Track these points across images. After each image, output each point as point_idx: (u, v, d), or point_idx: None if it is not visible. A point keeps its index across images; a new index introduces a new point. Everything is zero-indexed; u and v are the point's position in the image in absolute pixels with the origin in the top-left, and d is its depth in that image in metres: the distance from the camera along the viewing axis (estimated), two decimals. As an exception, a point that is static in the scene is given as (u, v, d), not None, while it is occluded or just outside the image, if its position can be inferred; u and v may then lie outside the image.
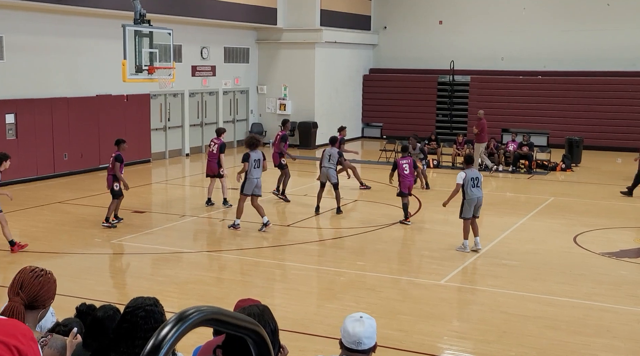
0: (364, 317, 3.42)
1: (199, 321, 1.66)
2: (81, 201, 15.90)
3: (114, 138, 20.47)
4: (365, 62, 29.84)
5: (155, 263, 11.71)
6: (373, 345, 3.44)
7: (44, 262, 10.77)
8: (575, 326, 8.57)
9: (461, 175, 11.69)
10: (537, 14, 27.08)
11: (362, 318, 3.41)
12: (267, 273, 10.92)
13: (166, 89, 21.99)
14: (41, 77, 18.29)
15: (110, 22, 18.22)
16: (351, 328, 3.37)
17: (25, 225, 13.55)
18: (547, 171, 21.13)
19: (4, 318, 2.00)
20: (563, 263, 11.37)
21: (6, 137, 17.43)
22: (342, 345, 3.43)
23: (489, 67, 27.91)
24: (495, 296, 9.64)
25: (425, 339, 8.14)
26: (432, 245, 12.48)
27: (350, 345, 3.39)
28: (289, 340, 7.74)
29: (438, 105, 28.56)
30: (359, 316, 3.42)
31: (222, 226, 14.03)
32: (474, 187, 11.67)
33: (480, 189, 11.81)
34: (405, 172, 13.88)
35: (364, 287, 10.14)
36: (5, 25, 17.16)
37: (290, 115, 26.56)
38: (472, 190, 11.65)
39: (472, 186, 11.65)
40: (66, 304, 6.82)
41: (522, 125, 26.29)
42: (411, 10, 29.13)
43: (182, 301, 9.27)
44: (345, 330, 3.40)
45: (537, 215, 15.07)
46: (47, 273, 3.58)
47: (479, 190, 11.76)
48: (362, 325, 3.38)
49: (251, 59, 26.59)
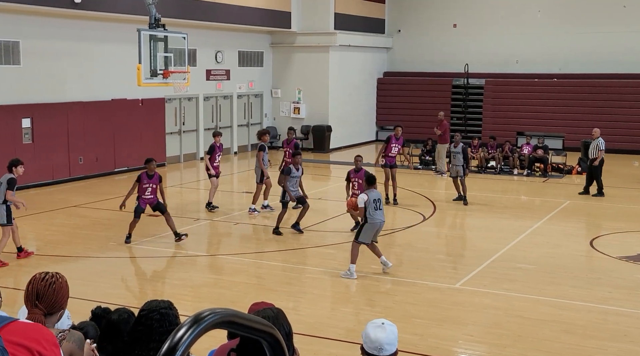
0: (385, 323, 3.44)
1: (214, 323, 1.66)
2: (96, 205, 15.99)
3: (129, 142, 20.80)
4: (380, 65, 29.82)
5: (170, 266, 11.76)
6: (394, 352, 3.44)
7: (59, 265, 10.84)
8: (591, 330, 8.50)
9: (362, 197, 10.35)
10: (552, 16, 26.94)
11: (383, 325, 3.43)
12: (281, 277, 10.92)
13: (181, 93, 22.09)
14: (57, 82, 18.43)
15: (126, 27, 18.34)
16: (373, 334, 3.38)
17: (41, 229, 13.65)
18: (563, 174, 20.99)
19: (29, 322, 2.02)
20: (579, 267, 11.28)
21: (22, 142, 17.56)
22: (364, 351, 3.44)
23: (503, 70, 27.80)
24: (511, 300, 9.58)
25: (440, 343, 8.11)
26: (446, 248, 12.42)
27: (372, 350, 3.40)
28: (303, 344, 7.74)
29: (452, 109, 28.48)
30: (381, 323, 3.44)
31: (236, 229, 14.05)
32: (377, 209, 10.33)
33: (383, 212, 10.50)
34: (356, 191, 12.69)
35: (378, 291, 10.11)
36: (22, 31, 17.31)
37: (304, 119, 26.61)
38: (375, 213, 10.33)
39: (375, 209, 10.31)
40: (81, 307, 6.86)
41: (537, 128, 26.14)
42: (425, 13, 29.08)
43: (196, 304, 9.29)
44: (367, 335, 3.41)
45: (553, 219, 14.97)
46: (59, 278, 3.62)
47: (382, 213, 10.45)
48: (384, 331, 3.40)
49: (265, 63, 26.65)
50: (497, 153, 21.50)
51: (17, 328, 1.92)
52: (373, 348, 3.38)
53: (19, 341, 1.90)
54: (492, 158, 21.51)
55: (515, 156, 21.38)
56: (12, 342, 1.87)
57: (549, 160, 21.18)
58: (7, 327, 1.91)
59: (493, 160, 21.46)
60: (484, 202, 16.45)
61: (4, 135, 17.04)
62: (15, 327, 1.92)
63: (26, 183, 17.56)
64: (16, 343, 1.89)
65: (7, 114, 17.07)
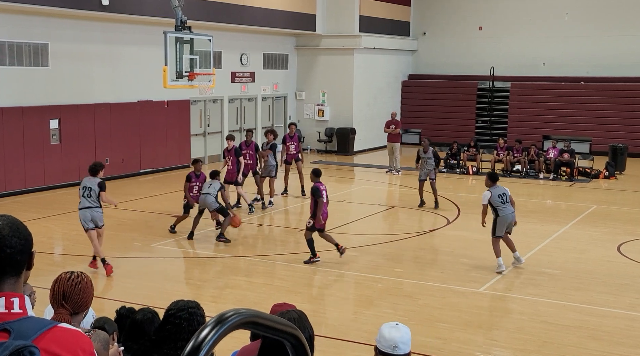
0: (399, 324, 3.52)
1: (238, 323, 1.66)
2: (122, 205, 16.06)
3: (155, 143, 20.96)
4: (404, 68, 29.74)
5: (194, 267, 11.82)
6: (408, 352, 3.45)
7: (86, 265, 10.95)
8: (617, 337, 8.38)
9: (486, 194, 11.04)
10: (580, 19, 26.66)
11: (397, 325, 3.51)
12: (304, 279, 10.92)
13: (206, 95, 22.23)
14: (84, 84, 18.64)
15: (152, 29, 18.50)
16: (387, 333, 3.45)
17: (67, 229, 13.80)
18: (590, 179, 20.75)
19: (68, 328, 1.96)
20: (606, 273, 11.13)
21: (50, 142, 17.79)
22: (378, 351, 3.48)
23: (530, 73, 27.57)
24: (536, 305, 9.48)
25: (463, 347, 8.05)
26: (471, 252, 12.34)
27: (386, 349, 3.45)
28: (325, 346, 7.73)
29: (477, 112, 28.31)
30: (395, 324, 3.52)
31: (260, 231, 14.09)
32: (504, 203, 10.96)
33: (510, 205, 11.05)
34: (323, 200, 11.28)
35: (402, 294, 10.07)
36: (51, 33, 17.53)
37: (328, 121, 26.61)
38: (504, 207, 10.96)
39: (502, 202, 10.94)
40: (106, 307, 6.93)
41: (563, 132, 25.88)
42: (451, 16, 28.95)
43: (219, 305, 9.32)
44: (381, 335, 3.47)
45: (579, 224, 14.80)
46: (84, 277, 3.66)
47: (509, 205, 11.02)
48: (399, 330, 3.46)
49: (290, 65, 26.71)
50: (522, 157, 21.32)
51: (55, 336, 1.89)
52: (387, 347, 3.43)
53: (57, 352, 1.86)
54: (517, 161, 21.33)
55: (541, 160, 21.18)
56: (49, 352, 1.84)
57: (575, 164, 20.95)
58: (47, 335, 1.87)
59: (519, 163, 21.28)
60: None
61: (33, 135, 17.27)
62: (53, 335, 1.88)
63: (54, 184, 17.79)
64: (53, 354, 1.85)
65: (35, 115, 17.30)
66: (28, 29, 17.01)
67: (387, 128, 21.80)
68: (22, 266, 1.96)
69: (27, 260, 1.97)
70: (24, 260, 1.96)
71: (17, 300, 1.91)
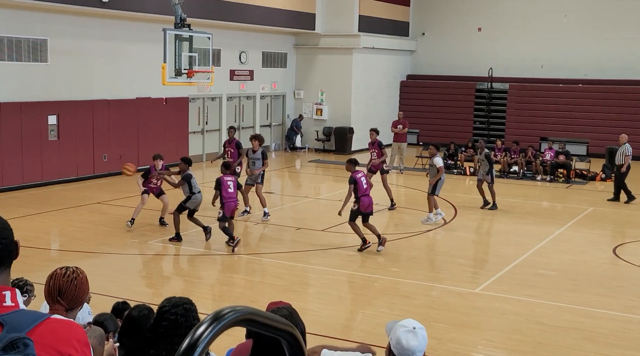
0: (417, 328, 3.21)
1: (235, 321, 1.66)
2: (119, 202, 16.13)
3: (153, 140, 20.92)
4: (403, 68, 29.74)
5: (190, 264, 11.82)
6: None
7: (82, 261, 10.94)
8: (613, 339, 8.40)
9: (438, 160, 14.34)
10: (579, 21, 26.68)
11: (415, 330, 3.20)
12: (301, 278, 10.93)
13: (204, 92, 22.21)
14: (83, 80, 18.62)
15: (152, 26, 18.48)
16: (405, 341, 3.18)
17: (64, 225, 13.80)
18: (586, 181, 20.77)
19: (59, 318, 1.97)
20: (602, 275, 11.15)
21: (48, 138, 17.77)
22: (391, 353, 3.26)
23: (528, 74, 27.59)
24: (532, 307, 9.50)
25: (459, 348, 8.06)
26: (467, 253, 12.35)
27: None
28: (321, 345, 7.73)
29: (475, 113, 28.33)
30: (412, 328, 3.21)
31: (257, 229, 14.09)
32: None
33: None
34: (229, 191, 11.97)
35: (398, 294, 10.08)
36: (50, 29, 17.51)
37: (326, 120, 26.62)
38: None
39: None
40: (103, 303, 6.92)
41: (561, 134, 25.88)
42: (450, 17, 28.95)
43: (216, 303, 9.33)
44: (398, 341, 3.20)
45: (576, 225, 14.82)
46: (79, 273, 3.66)
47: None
48: (416, 338, 3.19)
49: (289, 64, 26.71)
50: (520, 159, 21.33)
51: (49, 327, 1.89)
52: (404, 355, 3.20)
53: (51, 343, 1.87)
54: (514, 163, 21.35)
55: (538, 161, 21.20)
56: (43, 344, 1.84)
57: (571, 166, 20.98)
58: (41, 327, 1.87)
59: (516, 165, 21.29)
60: (505, 207, 16.33)
61: (31, 131, 17.25)
62: (47, 327, 1.89)
63: (51, 180, 17.78)
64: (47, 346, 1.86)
65: (33, 111, 17.27)
66: (27, 25, 16.99)
67: (394, 128, 21.76)
68: (12, 258, 1.97)
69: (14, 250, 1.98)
70: (13, 250, 1.97)
71: (8, 294, 1.91)
